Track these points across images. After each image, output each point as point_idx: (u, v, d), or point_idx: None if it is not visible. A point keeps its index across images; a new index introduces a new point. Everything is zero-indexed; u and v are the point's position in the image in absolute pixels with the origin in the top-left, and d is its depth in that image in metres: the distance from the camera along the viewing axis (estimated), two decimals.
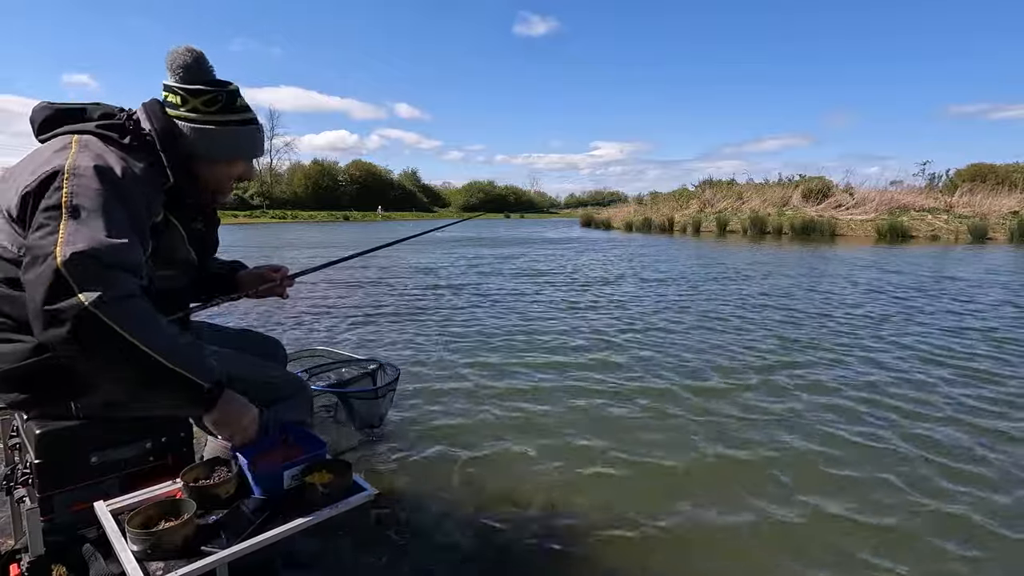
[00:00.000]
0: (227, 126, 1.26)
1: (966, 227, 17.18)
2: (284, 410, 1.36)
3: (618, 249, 14.32)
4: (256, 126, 1.33)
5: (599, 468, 2.25)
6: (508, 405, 2.95)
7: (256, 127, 1.33)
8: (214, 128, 1.25)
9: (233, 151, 1.30)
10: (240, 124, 1.28)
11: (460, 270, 9.40)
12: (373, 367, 2.71)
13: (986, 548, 1.73)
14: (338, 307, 5.88)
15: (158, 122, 1.21)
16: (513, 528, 1.82)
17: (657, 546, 1.75)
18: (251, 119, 1.31)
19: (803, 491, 2.07)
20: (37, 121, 1.21)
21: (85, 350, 0.96)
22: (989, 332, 4.56)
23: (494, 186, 73.04)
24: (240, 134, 1.29)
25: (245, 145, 1.31)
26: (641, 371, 3.55)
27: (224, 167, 1.31)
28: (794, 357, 3.86)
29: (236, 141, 1.29)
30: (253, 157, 1.36)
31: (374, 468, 2.23)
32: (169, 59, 1.23)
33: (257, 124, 1.33)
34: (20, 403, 1.15)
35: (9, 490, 1.24)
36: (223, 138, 1.26)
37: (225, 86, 1.26)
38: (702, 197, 25.95)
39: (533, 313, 5.56)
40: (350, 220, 42.55)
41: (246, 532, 0.99)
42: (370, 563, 1.63)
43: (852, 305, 5.87)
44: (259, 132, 1.35)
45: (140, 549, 0.93)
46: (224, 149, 1.28)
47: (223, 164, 1.30)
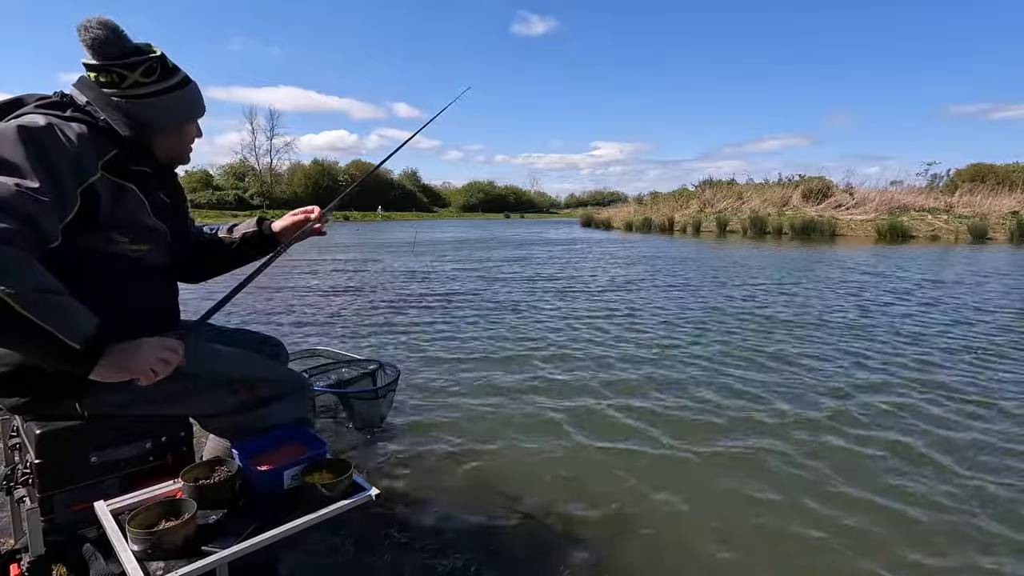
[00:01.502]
0: (171, 92, 1.23)
1: (966, 227, 17.19)
2: (285, 408, 1.35)
3: (619, 248, 14.33)
4: (193, 84, 1.30)
5: (600, 468, 2.25)
6: (509, 405, 2.95)
7: (194, 84, 1.30)
8: (160, 98, 1.22)
9: (184, 115, 1.29)
10: (181, 85, 1.25)
11: (460, 271, 9.40)
12: (373, 367, 2.71)
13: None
14: (339, 307, 5.88)
15: (92, 92, 1.19)
16: (514, 528, 1.83)
17: (659, 547, 1.75)
18: (187, 78, 1.28)
19: (814, 496, 2.07)
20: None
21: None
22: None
23: (494, 186, 73.05)
24: (184, 97, 1.26)
25: (192, 106, 1.30)
26: (643, 373, 3.55)
27: (177, 134, 1.29)
28: (825, 365, 3.86)
29: (183, 104, 1.27)
30: (200, 116, 1.34)
31: (374, 468, 2.23)
32: (85, 36, 1.15)
33: (192, 82, 1.30)
34: (21, 406, 1.15)
35: (9, 490, 1.24)
36: (172, 105, 1.24)
37: (149, 51, 1.21)
38: (702, 197, 25.97)
39: (534, 313, 5.56)
40: (350, 220, 42.54)
41: (246, 532, 0.99)
42: (370, 563, 1.63)
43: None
44: (197, 89, 1.31)
45: (140, 549, 0.93)
46: (175, 116, 1.26)
47: (176, 131, 1.28)
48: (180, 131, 1.30)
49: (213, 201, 45.14)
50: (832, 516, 1.91)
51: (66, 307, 0.95)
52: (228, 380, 1.28)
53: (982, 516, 1.90)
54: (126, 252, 1.19)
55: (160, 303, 1.31)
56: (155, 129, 1.23)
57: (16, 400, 1.13)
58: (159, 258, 1.29)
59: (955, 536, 1.80)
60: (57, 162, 1.04)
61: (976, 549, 1.73)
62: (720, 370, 3.56)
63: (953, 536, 1.80)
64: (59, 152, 1.05)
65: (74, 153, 1.07)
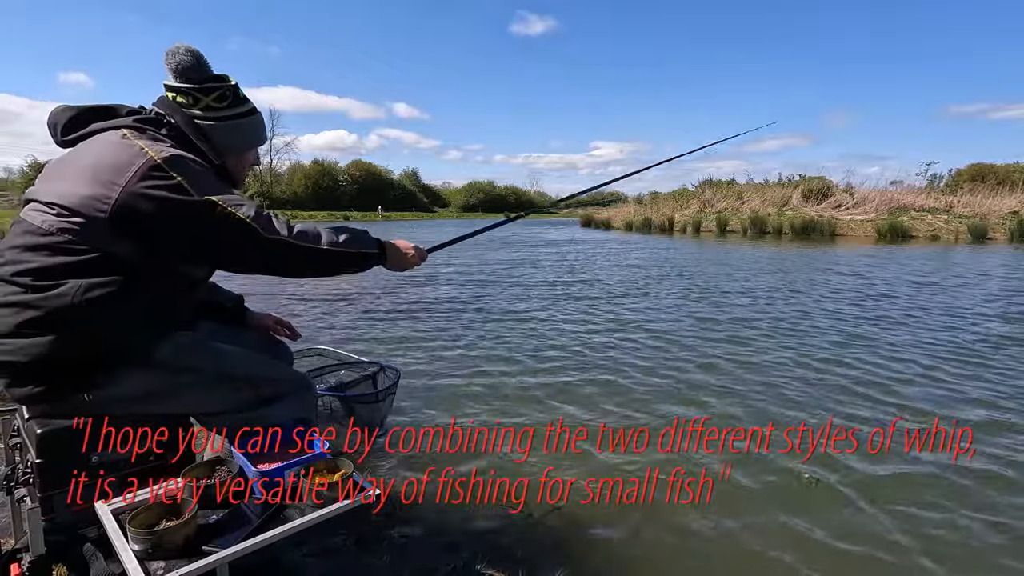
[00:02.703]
0: (239, 119, 1.34)
1: (966, 227, 17.18)
2: (288, 407, 1.35)
3: (621, 249, 14.33)
4: (259, 114, 1.41)
5: (602, 469, 2.25)
6: (510, 406, 2.95)
7: (260, 115, 1.41)
8: (228, 123, 1.32)
9: (248, 141, 1.39)
10: (249, 115, 1.36)
11: (461, 272, 9.40)
12: (374, 369, 2.70)
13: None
14: (340, 308, 5.88)
15: (179, 115, 1.27)
16: (514, 528, 1.83)
17: (660, 548, 1.75)
18: (254, 108, 1.39)
19: (822, 501, 2.07)
20: (60, 123, 1.24)
21: (296, 263, 1.23)
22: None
23: (494, 186, 72.98)
24: (251, 125, 1.37)
25: (256, 134, 1.41)
26: (646, 374, 3.55)
27: (238, 158, 1.39)
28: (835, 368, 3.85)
29: (249, 132, 1.38)
30: (261, 145, 1.46)
31: (374, 468, 2.23)
32: (171, 60, 1.26)
33: (258, 112, 1.41)
34: (32, 397, 1.14)
35: (10, 490, 1.24)
36: (238, 131, 1.34)
37: (226, 80, 1.32)
38: (702, 197, 25.95)
39: (534, 314, 5.56)
40: (350, 220, 42.56)
41: (246, 532, 1.00)
42: (371, 563, 1.63)
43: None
44: (262, 120, 1.43)
45: (141, 549, 0.93)
46: (241, 141, 1.36)
47: (238, 155, 1.38)
48: (241, 157, 1.40)
49: None
50: (853, 529, 1.90)
51: (356, 233, 1.31)
52: (232, 378, 1.28)
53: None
54: (180, 269, 1.25)
55: (195, 311, 1.40)
56: (224, 152, 1.33)
57: (27, 391, 1.13)
58: (202, 275, 1.37)
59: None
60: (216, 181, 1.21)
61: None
62: (732, 374, 3.56)
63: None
64: (211, 173, 1.22)
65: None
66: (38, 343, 1.08)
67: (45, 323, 1.08)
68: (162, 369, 1.19)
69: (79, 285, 1.07)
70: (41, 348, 1.08)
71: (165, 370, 1.20)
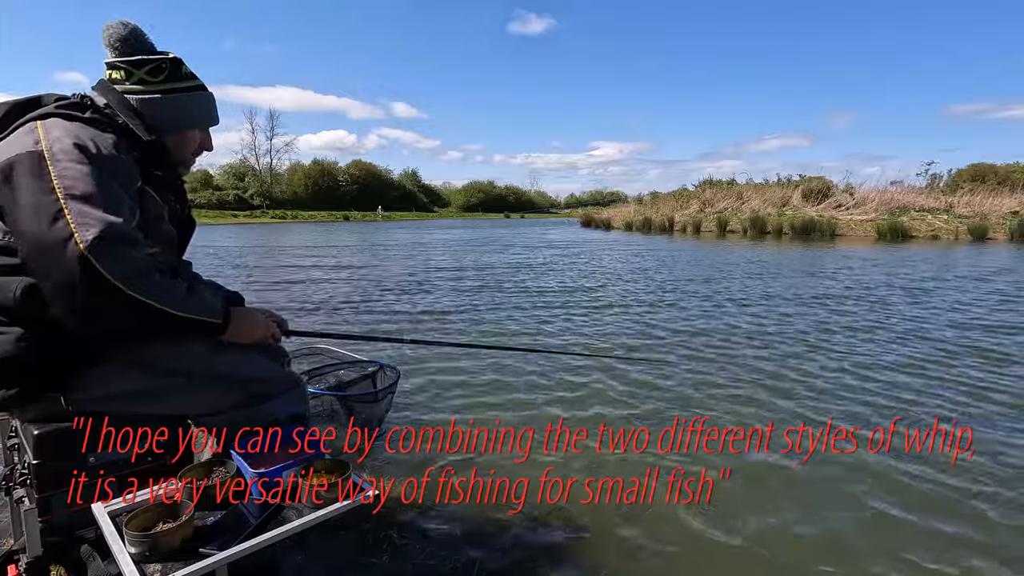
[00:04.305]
0: (177, 93, 1.25)
1: (966, 227, 17.17)
2: (280, 405, 1.34)
3: (622, 249, 14.32)
4: (206, 92, 1.31)
5: (602, 469, 2.25)
6: (510, 406, 2.94)
7: (206, 93, 1.31)
8: (164, 98, 1.24)
9: (189, 118, 1.29)
10: (187, 91, 1.27)
11: (462, 271, 9.40)
12: (373, 369, 2.70)
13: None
14: (341, 308, 5.88)
15: (112, 95, 1.21)
16: (514, 528, 1.82)
17: (660, 548, 1.74)
18: (198, 86, 1.30)
19: (822, 501, 2.06)
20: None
21: (112, 317, 1.03)
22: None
23: (494, 186, 72.98)
24: (192, 100, 1.28)
25: (199, 111, 1.30)
26: (645, 375, 3.54)
27: (179, 138, 1.30)
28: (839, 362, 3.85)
29: (190, 107, 1.28)
30: (208, 125, 1.35)
31: (374, 468, 2.22)
32: (105, 34, 1.22)
33: (206, 90, 1.32)
34: (9, 399, 1.13)
35: (8, 490, 1.23)
36: (174, 105, 1.26)
37: (164, 55, 1.25)
38: (702, 197, 25.92)
39: (535, 316, 5.55)
40: (350, 220, 42.55)
41: (245, 533, 0.99)
42: (370, 563, 1.62)
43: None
44: (209, 98, 1.33)
45: (138, 551, 0.92)
46: (179, 116, 1.27)
47: (178, 135, 1.29)
48: (183, 136, 1.31)
49: (213, 201, 45.02)
50: (858, 530, 1.90)
51: (202, 298, 1.17)
52: (222, 378, 1.27)
53: None
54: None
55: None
56: (160, 129, 1.25)
57: (2, 393, 1.12)
58: (166, 261, 1.30)
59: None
60: (124, 176, 1.12)
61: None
62: (732, 374, 3.56)
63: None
64: (121, 170, 1.12)
65: (125, 166, 1.14)
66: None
67: (3, 318, 1.07)
68: (143, 370, 1.18)
69: (20, 283, 1.06)
70: (2, 347, 1.07)
71: (147, 371, 1.18)
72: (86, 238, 0.97)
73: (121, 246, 1.01)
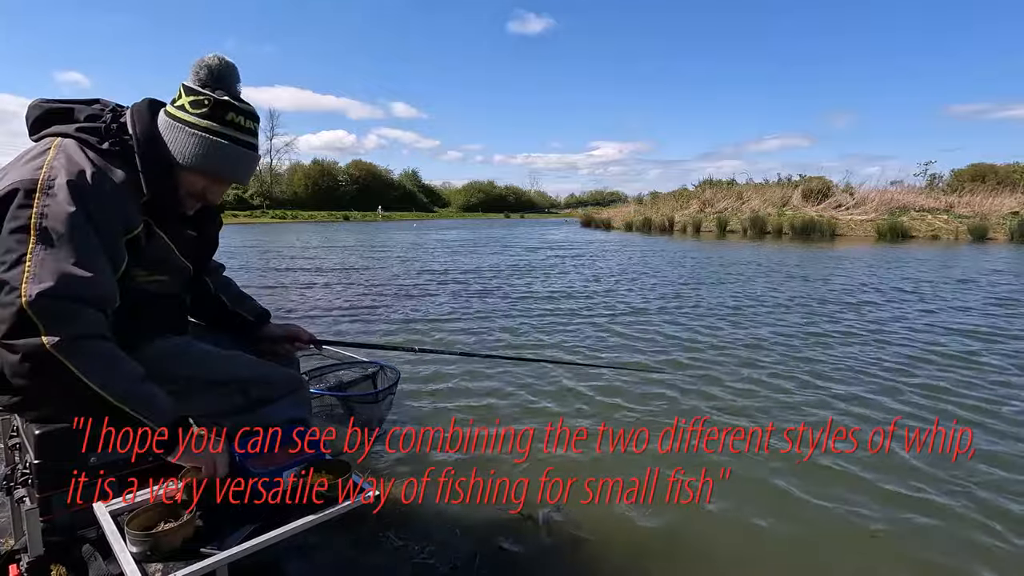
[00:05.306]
0: (202, 132, 1.16)
1: (966, 227, 17.17)
2: (281, 409, 1.35)
3: (623, 250, 14.32)
4: (238, 146, 1.20)
5: (602, 469, 2.25)
6: (511, 406, 2.95)
7: (236, 147, 1.19)
8: (188, 130, 1.16)
9: (199, 160, 1.17)
10: (221, 137, 1.17)
11: (462, 272, 9.40)
12: (374, 369, 2.69)
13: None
14: (342, 307, 5.88)
15: (140, 127, 1.15)
16: (515, 529, 1.82)
17: (660, 548, 1.75)
18: (232, 136, 1.18)
19: (822, 501, 2.07)
20: (30, 120, 1.18)
21: (37, 385, 0.94)
22: None
23: (494, 186, 73.02)
24: (215, 146, 1.17)
25: (216, 158, 1.18)
26: (645, 374, 3.54)
27: (190, 175, 1.19)
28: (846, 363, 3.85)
29: (205, 150, 1.16)
30: (220, 176, 1.22)
31: (374, 468, 2.22)
32: (195, 62, 1.18)
33: (242, 145, 1.20)
34: (16, 405, 1.14)
35: (9, 490, 1.24)
36: (193, 143, 1.16)
37: (216, 95, 1.17)
38: (702, 197, 25.94)
39: (537, 313, 5.55)
40: (350, 220, 42.54)
41: (245, 533, 0.99)
42: (370, 564, 1.62)
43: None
44: (238, 154, 1.20)
45: (139, 551, 0.93)
46: (190, 155, 1.17)
47: (189, 172, 1.19)
48: (193, 175, 1.19)
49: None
50: (855, 530, 1.90)
51: (153, 395, 1.04)
52: (221, 383, 1.28)
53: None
54: (140, 283, 1.20)
55: (168, 325, 1.32)
56: (175, 157, 1.17)
57: (9, 398, 1.12)
58: (174, 287, 1.31)
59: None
60: (111, 224, 1.06)
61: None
62: (732, 374, 3.56)
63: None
64: (111, 212, 1.06)
65: (121, 207, 1.09)
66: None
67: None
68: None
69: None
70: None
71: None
72: (31, 292, 0.91)
73: (69, 304, 0.94)
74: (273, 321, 1.60)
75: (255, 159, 1.25)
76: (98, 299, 1.00)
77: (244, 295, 1.57)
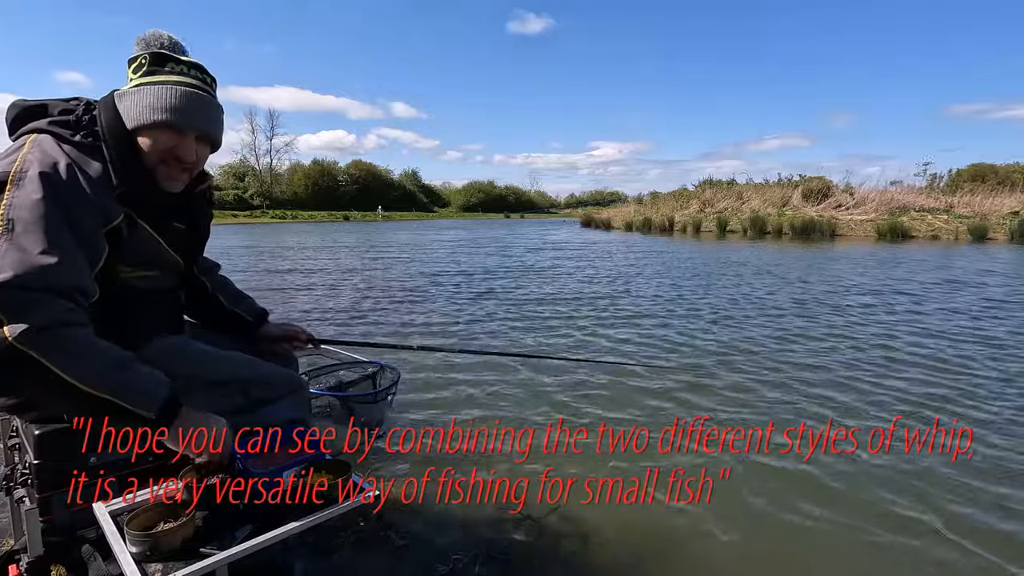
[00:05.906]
0: (144, 86, 1.10)
1: (966, 227, 17.17)
2: (280, 409, 1.34)
3: (623, 250, 14.32)
4: (183, 87, 1.12)
5: (602, 469, 2.25)
6: (510, 406, 2.94)
7: (181, 88, 1.12)
8: (133, 92, 1.11)
9: (147, 112, 1.10)
10: (159, 84, 1.11)
11: (463, 272, 9.40)
12: (374, 369, 2.70)
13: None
14: (342, 307, 5.88)
15: (106, 115, 1.12)
16: (515, 529, 1.82)
17: (660, 548, 1.75)
18: (175, 80, 1.12)
19: (822, 501, 2.07)
20: (8, 120, 1.16)
21: (9, 381, 0.92)
22: None
23: (494, 186, 73.06)
24: (155, 92, 1.10)
25: (160, 105, 1.09)
26: (645, 375, 3.54)
27: (146, 136, 1.12)
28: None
29: (150, 100, 1.09)
30: (172, 122, 1.11)
31: (374, 468, 2.22)
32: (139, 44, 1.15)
33: (186, 86, 1.12)
34: (13, 407, 1.13)
35: (9, 490, 1.24)
36: (137, 100, 1.10)
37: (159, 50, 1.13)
38: (702, 197, 25.93)
39: (537, 313, 5.55)
40: (350, 220, 42.55)
41: (245, 534, 0.99)
42: (370, 564, 1.62)
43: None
44: (186, 95, 1.12)
45: (139, 551, 0.93)
46: (137, 112, 1.10)
47: (145, 133, 1.12)
48: (147, 132, 1.12)
49: (213, 201, 44.95)
50: (854, 530, 1.90)
51: (138, 378, 0.99)
52: (222, 383, 1.27)
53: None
54: (128, 280, 1.18)
55: (164, 322, 1.31)
56: (131, 123, 1.11)
57: (7, 400, 1.11)
58: (166, 283, 1.29)
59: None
60: (86, 214, 1.03)
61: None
62: (732, 374, 3.56)
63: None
64: (86, 202, 1.03)
65: (99, 198, 1.06)
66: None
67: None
68: None
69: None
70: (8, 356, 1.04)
71: None
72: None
73: (32, 293, 0.90)
74: (271, 321, 1.59)
75: (209, 102, 1.17)
76: (67, 288, 0.95)
77: (242, 294, 1.56)
